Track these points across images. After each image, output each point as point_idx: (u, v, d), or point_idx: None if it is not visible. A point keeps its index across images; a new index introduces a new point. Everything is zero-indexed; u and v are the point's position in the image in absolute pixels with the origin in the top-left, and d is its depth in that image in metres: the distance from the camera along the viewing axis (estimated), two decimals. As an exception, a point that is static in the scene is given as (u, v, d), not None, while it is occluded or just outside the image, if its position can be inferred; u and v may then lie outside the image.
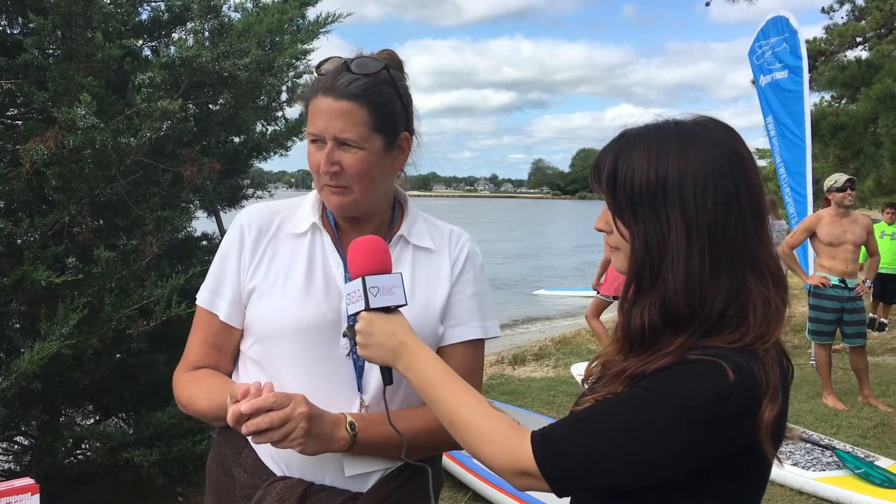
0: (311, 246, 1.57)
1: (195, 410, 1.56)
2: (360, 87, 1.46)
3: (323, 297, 1.53)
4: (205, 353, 1.60)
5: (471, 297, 1.63)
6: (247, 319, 1.56)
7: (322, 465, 1.49)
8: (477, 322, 1.63)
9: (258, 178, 5.05)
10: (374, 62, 1.50)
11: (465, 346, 1.61)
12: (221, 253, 1.61)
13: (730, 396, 1.08)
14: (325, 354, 1.51)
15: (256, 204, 1.67)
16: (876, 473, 4.55)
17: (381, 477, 1.53)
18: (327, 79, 1.48)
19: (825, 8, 14.97)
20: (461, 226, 1.73)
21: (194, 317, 1.64)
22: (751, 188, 1.18)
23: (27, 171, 3.15)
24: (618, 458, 1.11)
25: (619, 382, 1.17)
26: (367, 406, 1.52)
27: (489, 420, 1.23)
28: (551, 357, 9.31)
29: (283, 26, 3.96)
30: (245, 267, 1.57)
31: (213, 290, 1.59)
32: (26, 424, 3.68)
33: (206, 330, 1.61)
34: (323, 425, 1.40)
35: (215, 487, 1.62)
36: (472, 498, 4.49)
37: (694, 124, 1.22)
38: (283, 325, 1.51)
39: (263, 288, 1.54)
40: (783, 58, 7.94)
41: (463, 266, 1.64)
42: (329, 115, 1.46)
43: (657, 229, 1.16)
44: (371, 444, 1.46)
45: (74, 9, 3.26)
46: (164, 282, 3.46)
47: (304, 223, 1.59)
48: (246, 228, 1.59)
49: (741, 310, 1.15)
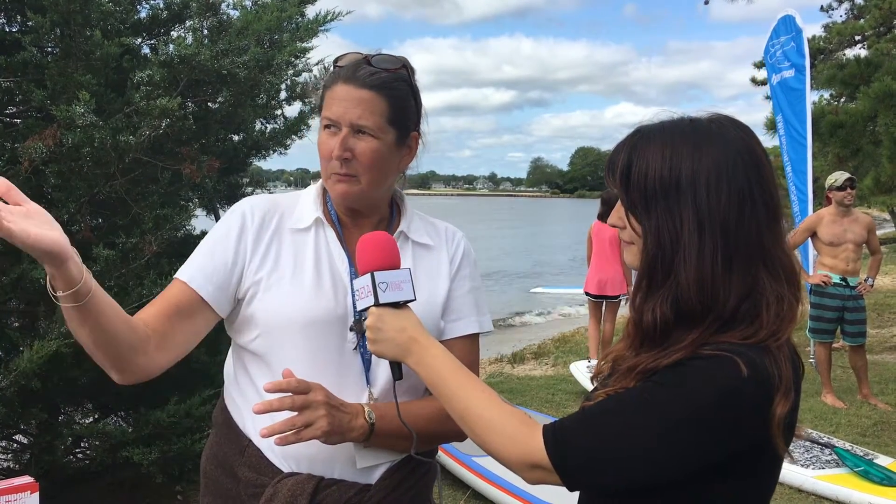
0: (316, 241, 1.57)
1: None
2: (380, 79, 1.51)
3: (331, 291, 1.53)
4: (158, 314, 1.47)
5: (468, 293, 1.67)
6: (250, 312, 1.54)
7: (331, 458, 1.50)
8: (474, 317, 1.67)
9: (257, 176, 5.04)
10: (394, 59, 1.55)
11: (464, 339, 1.64)
12: (217, 236, 1.56)
13: (743, 391, 1.09)
14: (333, 348, 1.52)
15: (256, 195, 1.67)
16: (875, 471, 4.56)
17: (388, 468, 1.55)
18: (348, 69, 1.52)
19: (824, 6, 14.99)
20: (461, 224, 1.74)
21: (165, 288, 1.53)
22: (764, 186, 1.18)
23: (26, 169, 3.15)
24: (630, 452, 1.12)
25: (632, 378, 1.18)
26: (376, 399, 1.53)
27: (500, 413, 1.23)
28: (550, 355, 9.32)
29: (282, 24, 3.96)
30: (247, 258, 1.54)
31: (197, 268, 1.52)
32: (25, 423, 3.68)
33: (175, 295, 1.50)
34: (343, 415, 1.42)
35: (214, 489, 1.60)
36: (472, 496, 4.49)
37: (709, 122, 1.22)
38: (291, 317, 1.50)
39: (271, 281, 1.53)
40: (791, 56, 7.97)
41: (460, 262, 1.68)
42: (349, 102, 1.49)
43: (670, 225, 1.16)
44: (386, 435, 1.48)
45: (73, 7, 3.25)
46: (163, 280, 3.45)
47: (306, 218, 1.59)
48: (249, 217, 1.57)
49: (754, 306, 1.15)
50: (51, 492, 3.46)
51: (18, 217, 1.17)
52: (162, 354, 1.47)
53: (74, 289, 1.27)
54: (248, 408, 1.52)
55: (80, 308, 1.29)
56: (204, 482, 1.64)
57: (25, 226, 1.17)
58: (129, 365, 1.43)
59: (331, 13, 4.13)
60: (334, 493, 1.49)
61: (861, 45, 13.49)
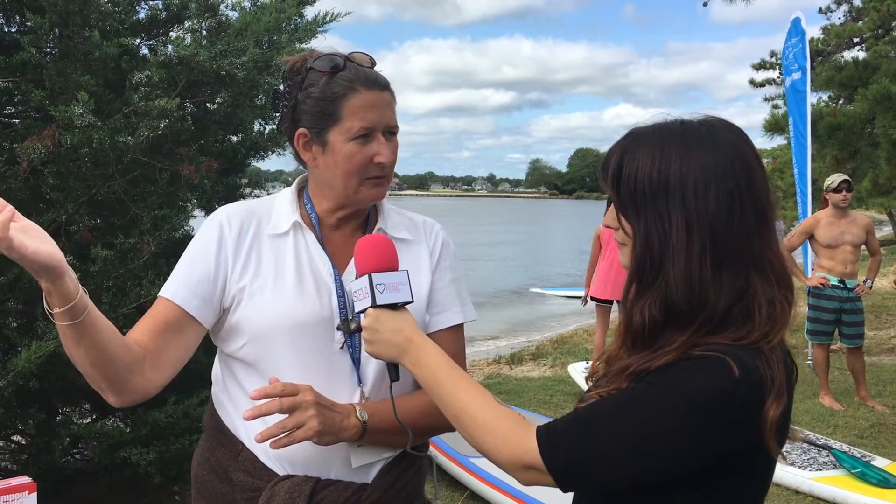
0: (296, 245, 1.57)
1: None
2: (386, 78, 1.55)
3: (315, 294, 1.53)
4: (149, 331, 1.48)
5: (450, 284, 1.68)
6: (235, 321, 1.54)
7: (326, 459, 1.51)
8: (458, 307, 1.67)
9: (256, 177, 5.04)
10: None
11: (449, 331, 1.65)
12: (195, 249, 1.56)
13: (735, 393, 1.09)
14: (322, 350, 1.52)
15: (231, 203, 1.65)
16: (872, 473, 4.56)
17: (383, 465, 1.56)
18: (361, 73, 1.51)
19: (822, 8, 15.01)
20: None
21: (151, 307, 1.53)
22: (754, 189, 1.18)
23: (24, 169, 3.15)
24: (622, 454, 1.12)
25: (623, 379, 1.18)
26: (368, 397, 1.54)
27: (494, 414, 1.23)
28: (548, 357, 9.33)
29: (281, 25, 3.96)
30: (229, 267, 1.54)
31: (180, 283, 1.52)
32: (23, 423, 3.68)
33: (162, 313, 1.50)
34: (334, 414, 1.42)
35: (207, 494, 1.59)
36: (470, 497, 4.49)
37: (700, 124, 1.22)
38: (278, 322, 1.50)
39: (254, 288, 1.53)
40: (798, 59, 7.99)
41: (440, 254, 1.68)
42: (382, 107, 1.51)
43: (658, 227, 1.17)
44: (379, 432, 1.49)
45: (72, 7, 3.25)
46: (161, 281, 3.43)
47: (284, 223, 1.58)
48: (226, 227, 1.56)
49: (746, 308, 1.15)
50: (49, 492, 3.46)
51: (15, 231, 1.18)
52: (157, 373, 1.48)
53: (70, 304, 1.27)
54: (239, 413, 1.53)
55: (77, 326, 1.30)
56: (196, 487, 1.63)
57: (23, 239, 1.18)
58: (127, 385, 1.44)
59: (330, 14, 4.13)
60: (332, 493, 1.49)
61: (859, 47, 13.50)
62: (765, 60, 16.21)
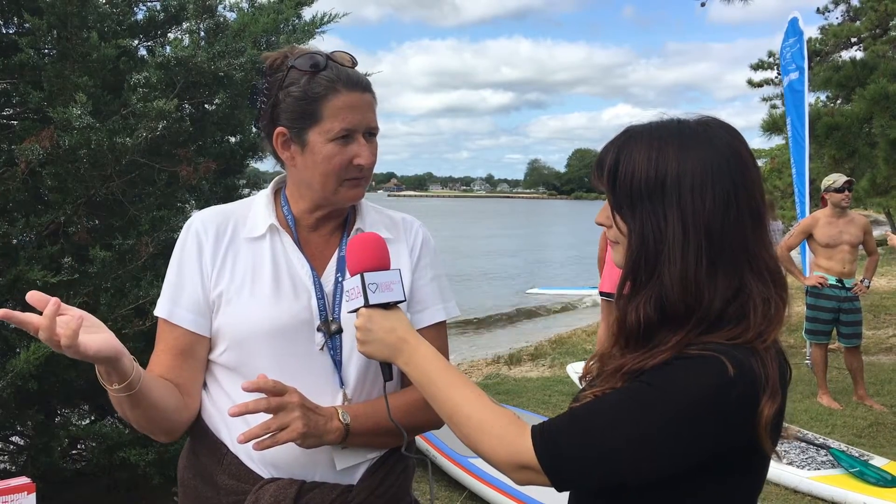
0: (273, 247, 1.56)
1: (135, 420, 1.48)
2: (367, 79, 1.54)
3: (293, 297, 1.53)
4: (170, 366, 1.53)
5: (431, 281, 1.67)
6: (216, 327, 1.53)
7: (311, 462, 1.50)
8: (440, 304, 1.66)
9: (254, 178, 5.04)
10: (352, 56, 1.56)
11: (432, 329, 1.64)
12: (178, 260, 1.57)
13: (730, 391, 1.09)
14: (302, 352, 1.52)
15: (205, 209, 1.64)
16: (870, 472, 4.57)
17: (368, 467, 1.55)
18: (343, 73, 1.50)
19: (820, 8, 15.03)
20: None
21: (157, 330, 1.58)
22: (749, 189, 1.18)
23: (22, 170, 3.14)
24: (617, 453, 1.12)
25: (618, 378, 1.18)
26: (350, 399, 1.53)
27: (489, 414, 1.23)
28: (547, 357, 9.33)
29: (279, 26, 3.96)
30: (207, 273, 1.54)
31: (173, 300, 1.54)
32: (22, 424, 3.68)
33: (171, 341, 1.54)
34: (318, 417, 1.42)
35: (192, 498, 1.59)
36: (469, 497, 4.49)
37: (696, 124, 1.23)
38: (255, 326, 1.50)
39: (230, 293, 1.52)
40: (796, 59, 8.00)
41: (420, 252, 1.67)
42: (363, 108, 1.49)
43: (654, 225, 1.17)
44: (362, 434, 1.48)
45: (70, 9, 3.25)
46: (159, 282, 3.43)
47: (260, 226, 1.57)
48: (202, 233, 1.55)
49: (741, 308, 1.16)
50: (47, 493, 3.46)
51: (82, 335, 1.24)
52: (192, 400, 1.56)
53: (128, 381, 1.34)
54: (223, 417, 1.52)
55: (133, 395, 1.37)
56: (182, 491, 1.63)
57: (84, 339, 1.24)
58: (178, 425, 1.53)
59: (328, 15, 4.13)
60: (317, 496, 1.48)
61: (857, 47, 13.52)
62: (763, 61, 16.25)
